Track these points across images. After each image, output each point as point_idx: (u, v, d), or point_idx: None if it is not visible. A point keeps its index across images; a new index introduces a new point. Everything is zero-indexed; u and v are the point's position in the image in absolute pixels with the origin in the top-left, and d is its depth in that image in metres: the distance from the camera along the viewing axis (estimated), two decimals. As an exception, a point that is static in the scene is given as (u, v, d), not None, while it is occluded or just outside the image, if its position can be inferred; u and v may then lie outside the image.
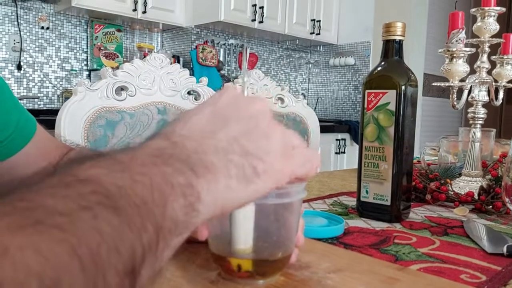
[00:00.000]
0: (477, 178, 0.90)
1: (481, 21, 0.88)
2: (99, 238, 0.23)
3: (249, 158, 0.33)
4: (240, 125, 0.34)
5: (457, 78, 0.87)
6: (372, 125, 0.72)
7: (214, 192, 0.31)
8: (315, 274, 0.48)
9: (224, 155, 0.32)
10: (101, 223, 0.23)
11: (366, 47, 3.84)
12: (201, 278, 0.46)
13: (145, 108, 1.28)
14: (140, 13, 3.04)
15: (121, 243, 0.24)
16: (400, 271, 0.51)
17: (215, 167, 0.31)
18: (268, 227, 0.46)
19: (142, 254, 0.25)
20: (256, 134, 0.35)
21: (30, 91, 2.97)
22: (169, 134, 0.32)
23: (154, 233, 0.26)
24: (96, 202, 0.24)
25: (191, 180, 0.30)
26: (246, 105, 0.36)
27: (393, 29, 0.72)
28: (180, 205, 0.28)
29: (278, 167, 0.35)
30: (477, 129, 0.90)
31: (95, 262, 0.22)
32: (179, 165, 0.30)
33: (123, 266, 0.24)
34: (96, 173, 0.26)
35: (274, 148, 0.35)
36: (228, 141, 0.33)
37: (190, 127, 0.33)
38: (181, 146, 0.31)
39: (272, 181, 0.35)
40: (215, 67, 3.48)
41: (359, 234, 0.66)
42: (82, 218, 0.23)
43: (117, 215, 0.24)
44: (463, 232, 0.68)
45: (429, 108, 4.01)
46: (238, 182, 0.32)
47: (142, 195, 0.26)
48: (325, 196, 0.93)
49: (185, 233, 0.29)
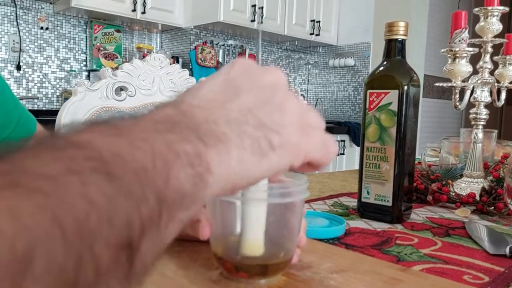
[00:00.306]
0: (478, 179, 0.89)
1: (484, 21, 0.88)
2: (88, 206, 0.20)
3: (264, 130, 0.31)
4: (254, 96, 0.32)
5: (460, 78, 0.86)
6: (373, 126, 0.72)
7: (225, 164, 0.29)
8: (317, 274, 0.48)
9: (237, 126, 0.30)
10: (91, 189, 0.21)
11: (366, 48, 3.84)
12: (203, 277, 0.46)
13: (144, 109, 1.27)
14: (140, 14, 3.04)
15: (115, 213, 0.21)
16: (402, 271, 0.50)
17: (227, 137, 0.29)
18: (270, 227, 0.45)
19: (141, 226, 0.23)
20: (272, 105, 0.33)
21: (29, 92, 2.97)
22: (178, 103, 0.30)
23: (155, 203, 0.24)
24: (87, 167, 0.22)
25: (200, 150, 0.27)
26: (260, 74, 0.34)
27: (395, 28, 0.72)
28: (186, 174, 0.26)
29: (294, 142, 0.33)
30: (479, 130, 0.89)
31: (80, 232, 0.20)
32: (186, 133, 0.27)
33: (116, 238, 0.21)
34: (90, 137, 0.24)
35: (290, 121, 0.33)
36: (242, 112, 0.31)
37: (200, 97, 0.31)
38: (190, 114, 0.29)
39: (288, 156, 0.33)
40: (214, 68, 3.48)
41: (360, 235, 0.66)
42: (69, 182, 0.21)
43: (111, 181, 0.22)
44: (465, 233, 0.68)
45: (429, 109, 4.01)
46: (252, 155, 0.30)
47: (142, 161, 0.24)
48: (326, 197, 0.93)
49: (193, 207, 0.27)
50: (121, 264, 0.22)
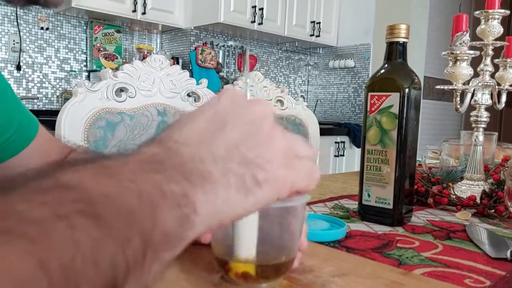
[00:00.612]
0: (479, 182, 0.89)
1: (485, 24, 0.88)
2: (74, 250, 0.21)
3: (250, 166, 0.31)
4: (239, 131, 0.32)
5: (461, 81, 0.86)
6: (374, 128, 0.72)
7: (211, 204, 0.29)
8: (318, 278, 0.48)
9: (222, 164, 0.30)
10: (78, 233, 0.22)
11: (366, 50, 3.84)
12: (205, 281, 0.46)
13: (145, 110, 1.27)
14: (140, 14, 3.03)
15: (101, 256, 0.22)
16: (404, 275, 0.50)
17: (213, 176, 0.29)
18: (271, 231, 0.45)
19: (126, 268, 0.23)
20: (257, 140, 0.32)
21: (29, 92, 2.97)
22: (164, 140, 0.30)
23: (140, 244, 0.24)
24: (75, 210, 0.22)
25: (186, 190, 0.27)
26: (246, 108, 0.34)
27: (397, 31, 0.72)
28: (173, 215, 0.26)
29: (280, 176, 0.33)
30: (480, 133, 0.89)
31: (66, 275, 0.20)
32: (173, 173, 0.28)
33: (101, 280, 0.22)
34: (80, 177, 0.24)
35: (276, 155, 0.33)
36: (227, 148, 0.31)
37: (186, 133, 0.31)
38: (176, 152, 0.29)
39: (273, 191, 0.33)
40: (214, 69, 3.48)
41: (361, 238, 0.66)
42: (56, 227, 0.21)
43: (97, 225, 0.22)
44: (465, 236, 0.68)
45: (429, 111, 4.01)
46: (238, 192, 0.30)
47: (129, 202, 0.24)
48: (326, 199, 0.92)
49: (178, 247, 0.27)
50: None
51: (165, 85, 1.32)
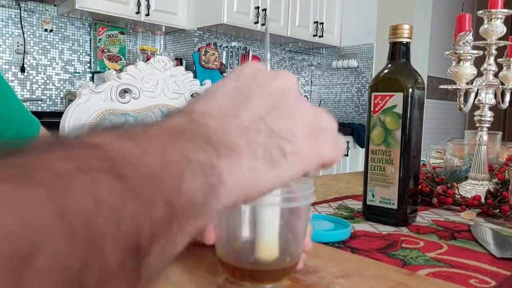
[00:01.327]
0: (483, 181, 0.89)
1: (488, 23, 0.88)
2: (96, 205, 0.20)
3: (276, 138, 0.30)
4: (264, 102, 0.32)
5: (464, 80, 0.86)
6: (378, 128, 0.72)
7: (237, 175, 0.28)
8: (323, 279, 0.48)
9: (248, 135, 0.29)
10: (100, 188, 0.20)
11: (369, 49, 3.83)
12: (209, 282, 0.46)
13: (148, 111, 1.27)
14: (143, 16, 3.04)
15: (124, 215, 0.20)
16: (409, 276, 0.50)
17: (239, 147, 0.29)
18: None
19: (150, 232, 0.22)
20: (283, 111, 0.32)
21: (33, 94, 2.98)
22: (189, 112, 0.30)
23: (166, 210, 0.23)
24: (98, 166, 0.21)
25: (212, 159, 0.27)
26: (270, 80, 0.33)
27: (400, 31, 0.72)
28: (198, 183, 0.25)
29: (307, 148, 0.32)
30: (484, 132, 0.89)
31: (87, 231, 0.19)
32: (199, 142, 0.27)
33: (124, 242, 0.20)
34: (103, 139, 0.23)
35: (302, 127, 0.32)
36: (253, 120, 0.30)
37: (210, 105, 0.31)
38: (202, 123, 0.29)
39: (300, 164, 0.32)
40: (218, 70, 3.48)
41: (365, 238, 0.65)
42: (78, 179, 0.20)
43: (121, 183, 0.21)
44: (470, 236, 0.68)
45: (433, 110, 4.00)
46: (264, 164, 0.29)
47: (154, 166, 0.23)
48: (330, 200, 0.92)
49: (203, 218, 0.26)
50: (128, 270, 0.21)
51: (168, 86, 1.33)
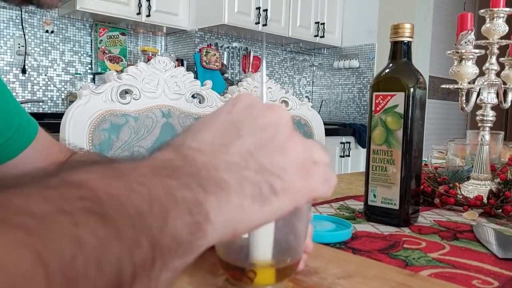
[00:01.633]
0: (486, 181, 0.88)
1: (490, 22, 0.87)
2: (76, 248, 0.19)
3: (266, 174, 0.30)
4: (255, 138, 0.31)
5: (466, 80, 0.86)
6: (380, 128, 0.72)
7: (225, 213, 0.27)
8: (324, 280, 0.48)
9: (237, 172, 0.29)
10: (82, 231, 0.20)
11: (371, 50, 3.83)
12: (208, 283, 0.45)
13: (149, 112, 1.27)
14: (144, 17, 3.04)
15: (105, 257, 0.20)
16: (411, 277, 0.50)
17: (227, 184, 0.28)
18: (276, 233, 0.45)
19: (133, 273, 0.22)
20: (274, 147, 0.31)
21: (34, 95, 2.98)
22: (177, 146, 0.29)
23: (149, 249, 0.23)
24: (80, 207, 0.21)
25: (199, 197, 0.26)
26: (262, 114, 0.32)
27: (401, 30, 0.71)
28: (184, 222, 0.25)
29: (298, 184, 0.32)
30: (486, 132, 0.89)
31: (67, 276, 0.19)
32: (186, 179, 0.26)
33: (106, 284, 0.20)
34: (87, 177, 0.23)
35: (293, 163, 0.32)
36: (242, 156, 0.30)
37: (200, 139, 0.30)
38: (190, 159, 0.28)
39: (291, 200, 0.31)
40: (219, 70, 3.48)
41: (367, 239, 0.65)
42: (58, 222, 0.20)
43: (104, 225, 0.21)
44: (473, 236, 0.67)
45: (434, 110, 4.00)
46: (253, 202, 0.29)
47: (139, 205, 0.23)
48: (332, 200, 0.92)
49: (188, 256, 0.26)
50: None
51: (169, 86, 1.32)
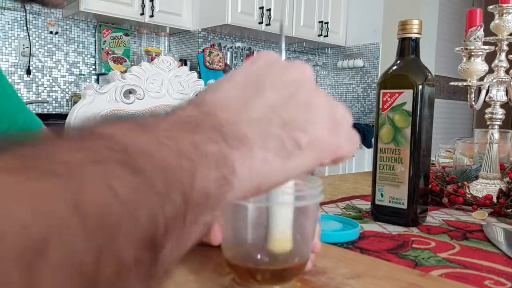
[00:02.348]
0: (495, 180, 0.87)
1: (499, 19, 0.86)
2: (111, 197, 0.19)
3: (290, 129, 0.30)
4: (277, 93, 0.31)
5: (475, 77, 0.84)
6: (387, 126, 0.70)
7: (249, 166, 0.28)
8: (332, 280, 0.47)
9: (259, 127, 0.29)
10: (114, 180, 0.19)
11: (375, 49, 3.81)
12: (215, 283, 0.45)
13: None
14: (148, 17, 3.04)
15: (139, 208, 0.20)
16: (422, 277, 0.48)
17: (250, 139, 0.28)
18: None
19: (165, 225, 0.21)
20: (297, 102, 0.31)
21: (39, 96, 2.98)
22: (199, 103, 0.29)
23: (181, 202, 0.22)
24: (112, 158, 0.20)
25: (225, 151, 0.26)
26: (283, 70, 0.32)
27: (409, 26, 0.70)
28: (212, 175, 0.25)
29: (324, 139, 0.32)
30: (495, 130, 0.87)
31: (102, 224, 0.18)
32: (211, 134, 0.26)
33: (140, 235, 0.20)
34: (115, 130, 0.23)
35: (319, 117, 0.32)
36: (265, 111, 0.30)
37: (221, 96, 0.30)
38: (213, 115, 0.28)
39: (317, 155, 0.31)
40: (222, 71, 3.47)
41: (375, 239, 0.64)
42: (91, 170, 0.19)
43: (135, 175, 0.21)
44: (483, 236, 0.66)
45: (440, 110, 3.98)
46: (276, 156, 0.29)
47: (168, 159, 0.23)
48: (338, 200, 0.91)
49: (216, 209, 0.26)
50: (143, 263, 0.20)
51: (173, 86, 1.32)
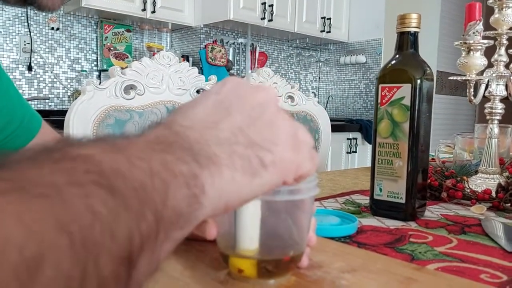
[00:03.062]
0: (494, 175, 0.87)
1: (499, 13, 0.85)
2: (92, 217, 0.20)
3: (255, 148, 0.31)
4: (244, 115, 0.32)
5: (474, 71, 0.84)
6: (386, 121, 0.70)
7: (218, 185, 0.29)
8: (328, 274, 0.47)
9: (228, 146, 0.30)
10: (94, 201, 0.21)
11: (378, 45, 3.80)
12: (210, 278, 0.45)
13: (154, 107, 1.26)
14: (149, 13, 3.03)
15: (117, 227, 0.21)
16: (417, 270, 0.48)
17: (219, 158, 0.29)
18: (279, 225, 0.44)
19: (140, 242, 0.23)
20: (262, 123, 0.33)
21: (40, 92, 2.98)
22: (170, 124, 0.30)
23: (153, 221, 0.24)
24: (89, 180, 0.22)
25: (195, 171, 0.27)
26: (250, 93, 0.34)
27: (408, 20, 0.70)
28: (183, 195, 0.26)
29: (287, 158, 0.33)
30: (495, 125, 0.87)
31: (86, 242, 0.20)
32: (181, 154, 0.27)
33: (118, 252, 0.21)
34: (90, 152, 0.24)
35: (282, 138, 0.33)
36: (232, 131, 0.31)
37: (192, 117, 0.31)
38: (183, 135, 0.29)
39: (280, 173, 0.33)
40: (225, 67, 3.47)
41: (372, 233, 0.64)
42: (72, 193, 0.20)
43: (112, 196, 0.22)
44: (481, 230, 0.66)
45: (442, 105, 3.96)
46: (244, 175, 0.30)
47: (141, 179, 0.24)
48: (337, 195, 0.91)
49: (187, 227, 0.27)
50: (121, 278, 0.22)
51: (173, 82, 1.32)
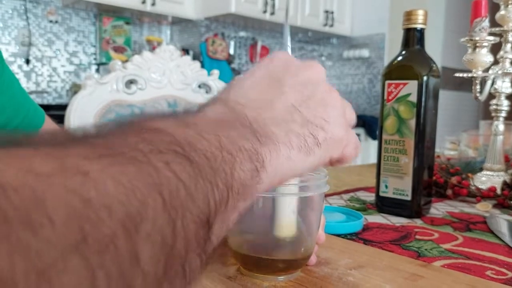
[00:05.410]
0: (499, 172, 0.87)
1: (505, 9, 0.85)
2: (177, 182, 0.22)
3: (310, 127, 0.33)
4: (297, 92, 0.33)
5: (480, 68, 0.84)
6: (392, 117, 0.70)
7: (275, 162, 0.30)
8: (335, 271, 0.47)
9: (284, 125, 0.31)
10: (176, 168, 0.22)
11: (381, 39, 3.78)
12: (219, 273, 0.45)
13: (155, 102, 1.26)
14: (149, 6, 3.02)
15: (196, 192, 0.23)
16: (423, 267, 0.49)
17: (276, 136, 0.31)
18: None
19: (214, 207, 0.24)
20: (315, 101, 0.34)
21: (39, 86, 2.97)
22: (227, 101, 0.31)
23: (224, 190, 0.25)
24: (169, 149, 0.23)
25: (256, 147, 0.29)
26: (300, 70, 0.35)
27: (414, 17, 0.70)
28: (247, 167, 0.27)
29: (337, 135, 0.34)
30: (500, 122, 0.87)
31: (175, 204, 0.21)
32: (243, 131, 0.29)
33: (199, 215, 0.23)
34: (164, 125, 0.25)
35: (333, 115, 0.34)
36: (287, 110, 0.32)
37: (245, 95, 0.32)
38: (242, 114, 0.30)
39: (330, 150, 0.34)
40: (225, 60, 3.46)
41: (378, 230, 0.64)
42: (157, 159, 0.22)
43: (190, 165, 0.23)
44: (486, 227, 0.66)
45: (446, 101, 3.95)
46: (299, 153, 0.32)
47: (211, 151, 0.25)
48: (342, 192, 0.91)
49: (249, 199, 0.28)
50: (200, 240, 0.23)
51: (175, 76, 1.31)
